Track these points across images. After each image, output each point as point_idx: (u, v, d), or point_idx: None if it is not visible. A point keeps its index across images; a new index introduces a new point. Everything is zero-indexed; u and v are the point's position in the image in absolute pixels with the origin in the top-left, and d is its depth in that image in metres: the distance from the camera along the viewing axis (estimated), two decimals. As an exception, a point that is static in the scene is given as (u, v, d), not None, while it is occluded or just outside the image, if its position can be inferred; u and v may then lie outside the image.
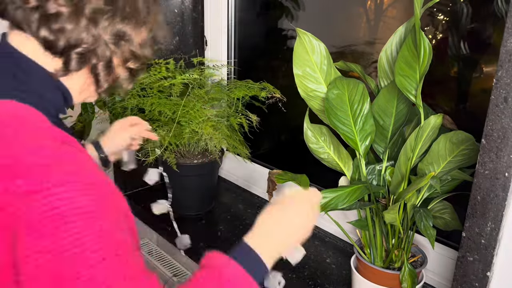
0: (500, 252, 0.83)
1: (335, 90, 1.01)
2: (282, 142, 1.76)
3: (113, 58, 0.67)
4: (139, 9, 0.67)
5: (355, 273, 1.11)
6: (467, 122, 1.17)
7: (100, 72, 0.67)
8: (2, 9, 0.63)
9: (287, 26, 1.61)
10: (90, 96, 0.74)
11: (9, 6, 0.62)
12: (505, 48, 0.74)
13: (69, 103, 0.71)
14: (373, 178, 1.09)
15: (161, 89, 1.44)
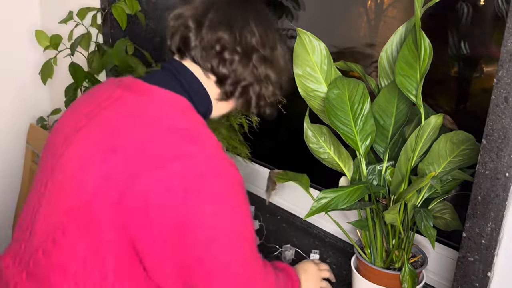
0: (500, 253, 0.83)
1: (336, 90, 1.01)
2: (282, 142, 1.76)
3: (262, 93, 0.89)
4: (281, 61, 0.91)
5: (355, 273, 1.11)
6: (467, 122, 1.17)
7: (252, 102, 0.90)
8: (186, 49, 0.85)
9: (287, 26, 1.61)
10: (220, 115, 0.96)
11: (194, 51, 0.85)
12: (506, 48, 0.74)
13: (206, 118, 0.91)
14: (374, 178, 1.08)
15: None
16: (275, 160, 1.70)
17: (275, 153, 1.76)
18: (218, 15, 0.85)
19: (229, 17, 0.85)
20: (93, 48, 1.57)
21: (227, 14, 0.85)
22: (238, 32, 0.84)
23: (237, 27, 0.84)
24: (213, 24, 0.84)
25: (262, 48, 0.86)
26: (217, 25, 0.84)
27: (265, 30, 0.87)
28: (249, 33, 0.85)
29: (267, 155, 1.74)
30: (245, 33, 0.84)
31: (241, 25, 0.84)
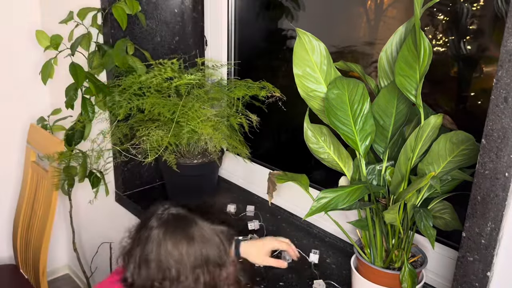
0: (500, 252, 0.83)
1: (335, 90, 1.01)
2: (282, 142, 1.76)
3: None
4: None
5: (355, 273, 1.11)
6: (467, 122, 1.17)
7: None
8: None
9: (287, 26, 1.61)
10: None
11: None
12: (505, 48, 0.74)
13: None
14: (373, 178, 1.08)
15: (158, 88, 1.43)
16: (275, 160, 1.70)
17: (275, 153, 1.76)
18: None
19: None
20: (94, 48, 1.57)
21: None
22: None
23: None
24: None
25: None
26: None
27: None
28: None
29: (267, 155, 1.74)
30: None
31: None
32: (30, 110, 2.22)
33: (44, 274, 1.85)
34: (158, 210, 0.93)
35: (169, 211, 0.92)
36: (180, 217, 0.92)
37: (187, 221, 0.91)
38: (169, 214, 0.92)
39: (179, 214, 0.92)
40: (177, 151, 1.54)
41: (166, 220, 0.90)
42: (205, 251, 0.89)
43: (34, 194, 1.95)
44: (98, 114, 1.58)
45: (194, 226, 0.90)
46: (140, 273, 0.89)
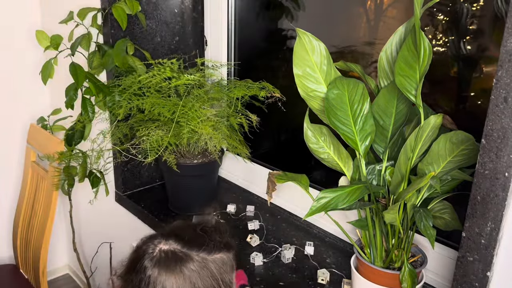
0: (500, 252, 0.83)
1: (335, 90, 1.01)
2: (282, 142, 1.76)
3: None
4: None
5: (355, 273, 1.11)
6: (467, 122, 1.17)
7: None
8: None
9: (287, 26, 1.61)
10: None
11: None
12: (505, 48, 0.74)
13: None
14: (373, 178, 1.09)
15: (158, 88, 1.44)
16: (275, 160, 1.70)
17: (275, 153, 1.76)
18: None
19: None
20: (94, 48, 1.58)
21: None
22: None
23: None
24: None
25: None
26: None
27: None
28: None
29: (267, 155, 1.75)
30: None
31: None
32: (30, 110, 2.22)
33: (44, 274, 1.85)
34: (148, 248, 0.87)
35: (161, 249, 0.87)
36: (173, 254, 0.86)
37: (181, 260, 0.86)
38: (160, 252, 0.87)
39: (171, 250, 0.87)
40: (177, 151, 1.54)
41: (158, 259, 0.86)
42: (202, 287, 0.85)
43: (34, 194, 1.95)
44: (98, 114, 1.58)
45: (188, 263, 0.86)
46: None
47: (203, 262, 0.86)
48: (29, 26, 2.12)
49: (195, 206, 1.58)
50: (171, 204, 1.63)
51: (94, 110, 1.56)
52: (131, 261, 0.90)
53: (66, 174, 1.71)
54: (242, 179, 1.78)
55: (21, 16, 2.10)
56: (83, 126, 1.61)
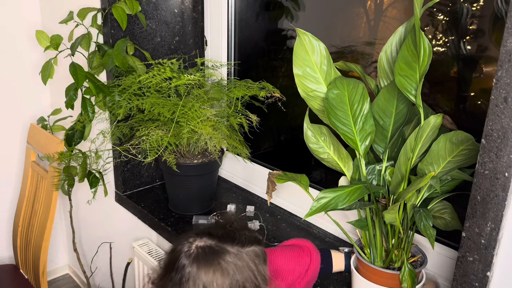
0: (500, 252, 0.83)
1: (335, 90, 1.01)
2: (282, 142, 1.76)
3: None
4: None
5: (355, 273, 1.11)
6: (467, 122, 1.17)
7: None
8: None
9: (287, 26, 1.61)
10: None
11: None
12: (505, 48, 0.74)
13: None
14: (373, 178, 1.09)
15: (158, 88, 1.44)
16: (275, 160, 1.71)
17: (275, 153, 1.76)
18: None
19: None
20: (94, 48, 1.58)
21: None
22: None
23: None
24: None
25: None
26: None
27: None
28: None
29: (267, 155, 1.75)
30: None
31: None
32: (30, 110, 2.22)
33: (44, 274, 1.85)
34: (184, 247, 0.90)
35: (197, 245, 0.90)
36: (209, 249, 0.89)
37: (218, 253, 0.88)
38: (197, 248, 0.89)
39: (207, 246, 0.89)
40: (177, 151, 1.54)
41: (196, 255, 0.88)
42: (240, 279, 0.87)
43: (34, 194, 1.95)
44: (98, 114, 1.58)
45: (225, 255, 0.88)
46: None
47: (238, 254, 0.89)
48: (29, 26, 2.12)
49: (195, 206, 1.58)
50: (171, 204, 1.63)
51: (94, 110, 1.56)
52: (168, 263, 0.92)
53: (66, 174, 1.71)
54: (242, 179, 1.79)
55: (21, 16, 2.10)
56: (83, 126, 1.61)
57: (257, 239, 0.94)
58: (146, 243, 1.69)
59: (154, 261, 1.58)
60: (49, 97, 2.28)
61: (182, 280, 0.86)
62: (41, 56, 2.14)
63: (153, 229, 1.60)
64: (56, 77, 1.69)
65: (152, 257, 1.60)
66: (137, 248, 1.66)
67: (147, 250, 1.65)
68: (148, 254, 1.62)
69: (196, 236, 0.91)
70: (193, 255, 0.88)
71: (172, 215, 1.58)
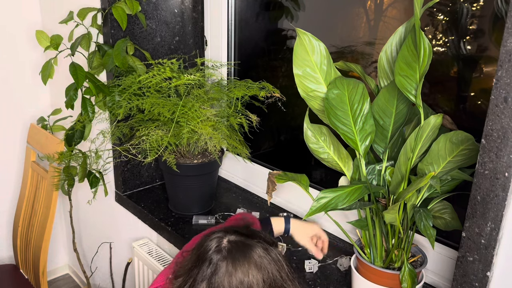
0: (500, 252, 0.83)
1: (335, 90, 1.01)
2: (282, 142, 1.76)
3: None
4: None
5: (355, 273, 1.11)
6: (467, 122, 1.17)
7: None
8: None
9: (287, 26, 1.61)
10: None
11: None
12: (505, 48, 0.74)
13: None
14: (373, 178, 1.09)
15: (157, 88, 1.44)
16: (275, 160, 1.71)
17: (275, 153, 1.76)
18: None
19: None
20: (94, 48, 1.58)
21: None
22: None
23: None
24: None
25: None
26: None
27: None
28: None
29: (267, 155, 1.75)
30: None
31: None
32: (30, 110, 2.22)
33: (44, 274, 1.85)
34: (213, 242, 0.90)
35: (228, 239, 0.90)
36: (241, 243, 0.90)
37: (250, 247, 0.89)
38: (229, 242, 0.90)
39: (239, 240, 0.90)
40: (177, 151, 1.54)
41: (230, 249, 0.89)
42: (271, 273, 0.89)
43: (34, 194, 1.95)
44: (98, 114, 1.58)
45: (257, 250, 0.89)
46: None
47: (266, 250, 0.90)
48: (29, 26, 2.12)
49: (195, 206, 1.58)
50: (171, 204, 1.63)
51: (94, 110, 1.56)
52: (197, 257, 0.91)
53: (66, 174, 1.71)
54: (242, 179, 1.79)
55: (21, 16, 2.10)
56: (83, 126, 1.61)
57: (276, 242, 0.96)
58: (146, 243, 1.69)
59: (154, 261, 1.58)
60: (49, 97, 2.28)
61: (215, 273, 0.87)
62: (41, 56, 2.14)
63: (153, 229, 1.60)
64: (56, 77, 1.69)
65: (152, 257, 1.60)
66: (137, 248, 1.66)
67: (147, 250, 1.65)
68: (148, 254, 1.62)
69: (224, 233, 0.92)
70: (226, 249, 0.89)
71: (172, 215, 1.58)
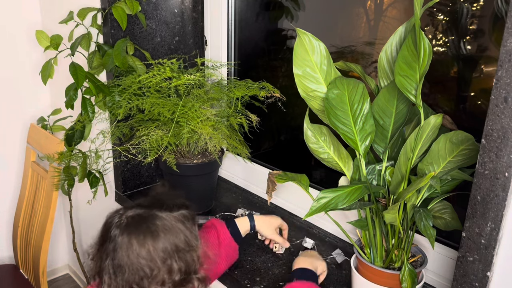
0: (500, 252, 0.83)
1: (335, 90, 1.01)
2: (282, 142, 1.76)
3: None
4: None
5: (355, 273, 1.11)
6: (467, 122, 1.17)
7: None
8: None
9: (287, 26, 1.61)
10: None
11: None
12: (505, 48, 0.74)
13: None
14: (373, 178, 1.09)
15: (157, 88, 1.44)
16: (275, 160, 1.71)
17: (275, 153, 1.76)
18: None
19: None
20: (94, 48, 1.58)
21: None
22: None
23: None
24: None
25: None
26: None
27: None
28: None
29: (267, 155, 1.75)
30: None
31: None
32: (30, 110, 2.22)
33: (44, 274, 1.85)
34: (114, 219, 0.94)
35: (127, 215, 0.93)
36: (138, 217, 0.93)
37: (146, 219, 0.93)
38: (127, 217, 0.93)
39: (137, 214, 0.94)
40: (177, 151, 1.54)
41: (126, 224, 0.92)
42: (172, 241, 0.92)
43: (34, 194, 1.95)
44: (98, 114, 1.58)
45: (154, 220, 0.93)
46: (117, 281, 0.90)
47: (167, 217, 0.94)
48: (29, 26, 2.12)
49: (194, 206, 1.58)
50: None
51: (94, 110, 1.56)
52: (101, 235, 0.95)
53: (66, 174, 1.71)
54: (242, 179, 1.78)
55: (21, 16, 2.10)
56: (83, 126, 1.61)
57: (185, 204, 0.99)
58: (146, 243, 1.69)
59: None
60: (49, 97, 2.28)
61: (115, 248, 0.90)
62: (41, 56, 2.14)
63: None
64: (56, 77, 1.69)
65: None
66: (137, 248, 1.66)
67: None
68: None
69: (125, 208, 0.96)
70: (123, 224, 0.92)
71: (172, 215, 1.58)
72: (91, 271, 0.97)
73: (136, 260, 0.89)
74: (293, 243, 1.42)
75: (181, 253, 0.93)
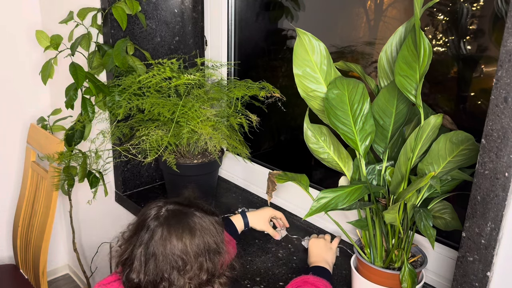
0: (500, 252, 0.83)
1: (335, 90, 1.01)
2: (282, 142, 1.76)
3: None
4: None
5: (355, 273, 1.11)
6: (467, 122, 1.17)
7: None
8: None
9: (287, 26, 1.61)
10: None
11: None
12: (505, 48, 0.74)
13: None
14: (373, 178, 1.09)
15: (157, 88, 1.43)
16: (275, 160, 1.70)
17: (275, 153, 1.76)
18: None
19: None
20: (94, 48, 1.58)
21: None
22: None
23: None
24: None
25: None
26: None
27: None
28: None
29: (267, 155, 1.75)
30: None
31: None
32: (30, 110, 2.22)
33: (44, 274, 1.85)
34: (153, 210, 0.98)
35: (167, 208, 0.98)
36: (178, 211, 0.97)
37: (186, 214, 0.97)
38: (167, 210, 0.97)
39: (177, 209, 0.98)
40: (177, 151, 1.54)
41: (166, 216, 0.96)
42: (206, 240, 0.95)
43: (34, 194, 1.95)
44: (98, 114, 1.58)
45: (193, 217, 0.97)
46: (148, 269, 0.93)
47: (203, 218, 0.98)
48: (29, 26, 2.12)
49: (195, 206, 1.58)
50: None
51: (94, 110, 1.56)
52: (138, 224, 0.98)
53: (66, 174, 1.71)
54: (242, 179, 1.78)
55: (21, 16, 2.10)
56: (83, 126, 1.61)
57: (215, 211, 1.03)
58: (146, 243, 1.69)
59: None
60: (49, 97, 2.28)
61: (151, 238, 0.93)
62: (41, 56, 2.14)
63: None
64: (56, 77, 1.69)
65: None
66: (137, 248, 1.66)
67: (147, 250, 1.65)
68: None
69: (164, 202, 1.00)
70: (164, 216, 0.96)
71: (172, 215, 1.58)
72: (117, 257, 1.00)
73: (171, 251, 0.92)
74: (293, 243, 1.42)
75: (211, 254, 0.96)
